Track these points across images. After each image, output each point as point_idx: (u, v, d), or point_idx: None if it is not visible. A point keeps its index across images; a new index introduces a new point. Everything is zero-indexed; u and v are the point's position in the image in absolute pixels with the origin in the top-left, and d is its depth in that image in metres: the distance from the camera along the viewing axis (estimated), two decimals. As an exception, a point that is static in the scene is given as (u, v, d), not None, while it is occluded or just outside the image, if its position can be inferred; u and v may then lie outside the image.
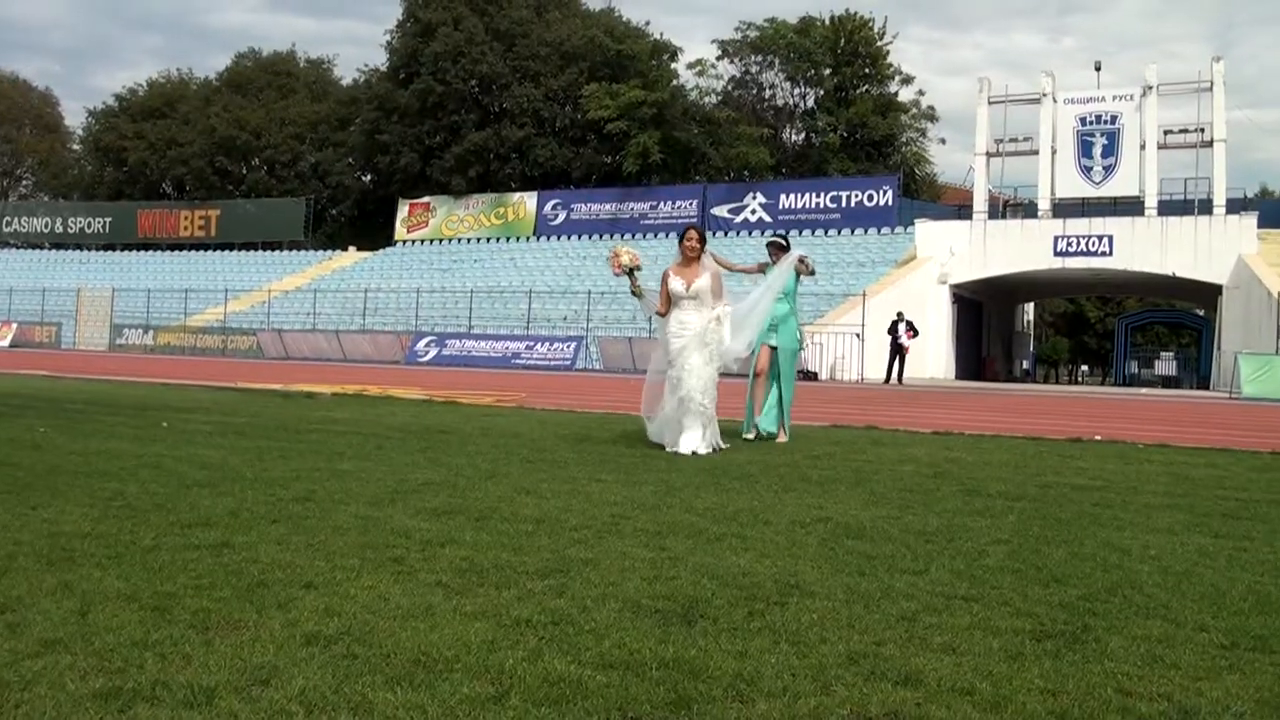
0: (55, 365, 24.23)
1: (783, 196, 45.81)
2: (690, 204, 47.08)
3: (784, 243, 10.23)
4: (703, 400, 8.39)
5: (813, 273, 10.51)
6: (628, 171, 50.92)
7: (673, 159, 52.04)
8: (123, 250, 59.89)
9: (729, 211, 46.21)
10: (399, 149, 55.15)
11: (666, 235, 46.43)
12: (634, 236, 46.68)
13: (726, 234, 45.28)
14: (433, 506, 5.18)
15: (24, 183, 77.59)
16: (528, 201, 50.92)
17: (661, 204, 47.91)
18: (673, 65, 55.56)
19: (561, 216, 49.81)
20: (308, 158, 62.95)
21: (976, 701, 2.61)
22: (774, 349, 9.96)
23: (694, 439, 8.28)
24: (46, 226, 62.86)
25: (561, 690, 2.58)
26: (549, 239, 50.13)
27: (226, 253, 57.08)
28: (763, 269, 10.23)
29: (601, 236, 47.76)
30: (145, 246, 59.58)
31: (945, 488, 6.50)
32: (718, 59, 55.54)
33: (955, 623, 3.30)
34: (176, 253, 58.24)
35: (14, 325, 47.07)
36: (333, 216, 63.22)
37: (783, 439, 9.68)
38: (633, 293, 9.27)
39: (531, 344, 36.24)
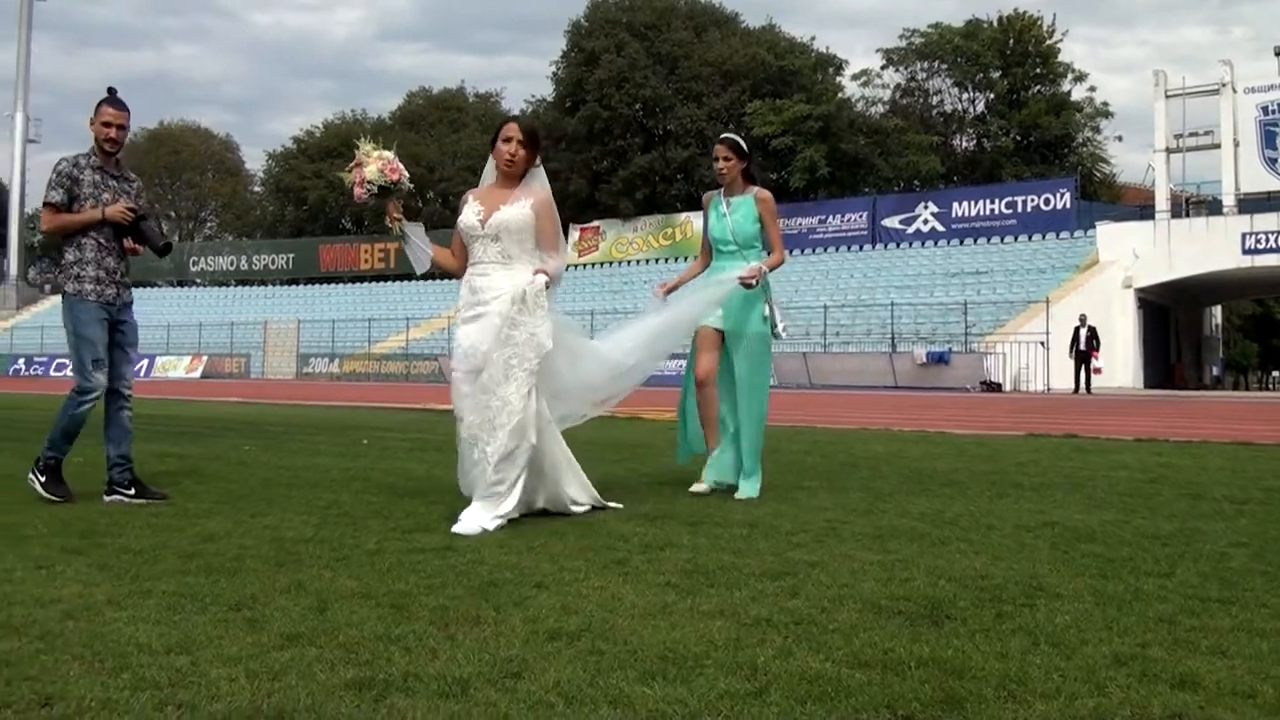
0: (246, 392, 25.37)
1: (955, 204, 44.67)
2: (860, 216, 46.37)
3: (742, 148, 6.19)
4: (502, 444, 4.85)
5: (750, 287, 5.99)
6: (795, 186, 50.58)
7: (841, 172, 51.48)
8: (306, 284, 62.49)
9: (900, 222, 45.33)
10: (568, 175, 56.02)
11: (836, 249, 45.91)
12: (803, 252, 46.23)
13: (899, 245, 44.49)
14: (644, 512, 5.19)
15: (209, 224, 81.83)
16: (694, 221, 50.97)
17: (830, 218, 47.31)
18: (837, 78, 55.10)
19: (729, 234, 49.71)
20: (481, 189, 64.54)
21: (1261, 705, 2.44)
22: (723, 334, 6.07)
23: (481, 512, 4.77)
24: (232, 264, 66.07)
25: (822, 687, 2.49)
26: (717, 257, 50.14)
27: (406, 283, 58.94)
28: (709, 256, 6.28)
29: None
30: (328, 280, 62.01)
31: (1166, 492, 6.21)
32: (883, 68, 54.86)
33: (1217, 625, 3.13)
34: (358, 284, 60.42)
35: (204, 357, 49.55)
36: (507, 244, 64.56)
37: (743, 493, 5.87)
38: (392, 229, 5.33)
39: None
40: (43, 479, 5.66)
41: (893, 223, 45.51)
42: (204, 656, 2.72)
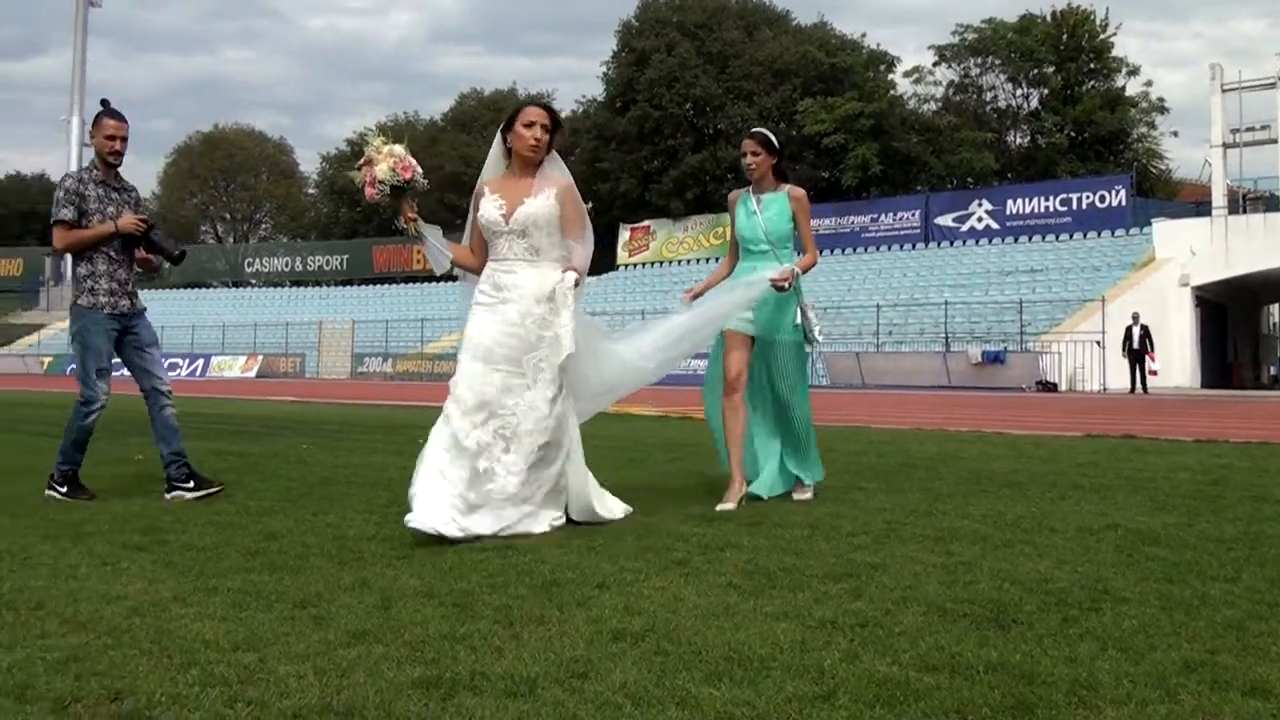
0: (301, 392, 25.62)
1: (1009, 202, 44.12)
2: (913, 214, 45.94)
3: (773, 143, 5.77)
4: (530, 451, 4.65)
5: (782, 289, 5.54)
6: (847, 185, 50.28)
7: (893, 170, 51.06)
8: (360, 285, 62.95)
9: (954, 220, 44.87)
10: (618, 175, 56.09)
11: (889, 248, 45.55)
12: (855, 251, 45.95)
13: (952, 243, 44.03)
14: (700, 513, 5.18)
15: (263, 226, 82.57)
16: (745, 221, 50.79)
17: (882, 216, 46.94)
18: (889, 75, 54.69)
19: (780, 233, 49.48)
20: (531, 189, 64.85)
21: (1334, 714, 2.39)
22: (753, 340, 5.70)
23: (532, 520, 4.65)
24: (286, 265, 66.74)
25: (891, 691, 2.47)
26: (767, 256, 49.92)
27: (458, 283, 58.92)
28: (736, 257, 5.90)
29: (821, 252, 47.25)
30: (381, 280, 62.44)
31: (1229, 495, 6.10)
32: (935, 65, 54.33)
33: (1286, 631, 3.05)
34: (411, 285, 60.78)
35: (259, 357, 50.09)
36: (557, 243, 64.84)
37: (803, 494, 5.78)
38: (406, 229, 5.02)
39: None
40: (63, 489, 5.72)
41: (946, 221, 45.04)
42: (271, 653, 2.75)
